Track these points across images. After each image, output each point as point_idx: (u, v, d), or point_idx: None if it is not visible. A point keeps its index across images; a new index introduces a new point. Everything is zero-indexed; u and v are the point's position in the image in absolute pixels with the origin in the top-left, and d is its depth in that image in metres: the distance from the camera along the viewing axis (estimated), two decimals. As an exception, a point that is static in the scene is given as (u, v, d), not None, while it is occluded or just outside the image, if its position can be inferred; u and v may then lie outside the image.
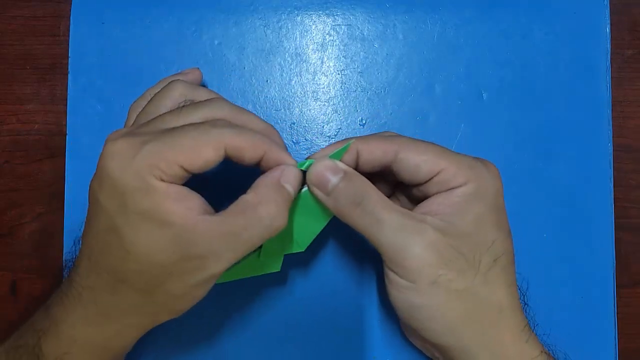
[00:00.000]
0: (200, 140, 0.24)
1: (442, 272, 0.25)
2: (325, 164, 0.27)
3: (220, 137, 0.24)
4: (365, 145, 0.27)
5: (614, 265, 0.35)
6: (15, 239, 0.37)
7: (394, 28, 0.37)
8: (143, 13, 0.37)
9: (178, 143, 0.23)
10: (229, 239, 0.24)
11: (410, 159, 0.26)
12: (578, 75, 0.36)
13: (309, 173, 0.27)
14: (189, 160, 0.23)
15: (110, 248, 0.24)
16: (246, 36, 0.37)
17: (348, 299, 0.35)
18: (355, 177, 0.26)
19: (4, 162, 0.37)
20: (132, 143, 0.24)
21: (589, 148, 0.36)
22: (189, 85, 0.30)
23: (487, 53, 0.37)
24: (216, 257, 0.24)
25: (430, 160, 0.26)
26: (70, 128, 0.36)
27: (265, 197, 0.25)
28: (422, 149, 0.26)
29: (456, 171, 0.26)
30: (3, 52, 0.37)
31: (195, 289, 0.25)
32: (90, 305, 0.26)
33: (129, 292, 0.25)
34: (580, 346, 0.35)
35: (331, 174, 0.26)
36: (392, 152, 0.26)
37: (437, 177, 0.26)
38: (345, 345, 0.35)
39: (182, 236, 0.23)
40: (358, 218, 0.26)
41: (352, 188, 0.26)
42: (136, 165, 0.23)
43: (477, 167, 0.26)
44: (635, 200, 0.37)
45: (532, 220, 0.35)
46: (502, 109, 0.36)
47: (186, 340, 0.35)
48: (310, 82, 0.37)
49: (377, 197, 0.26)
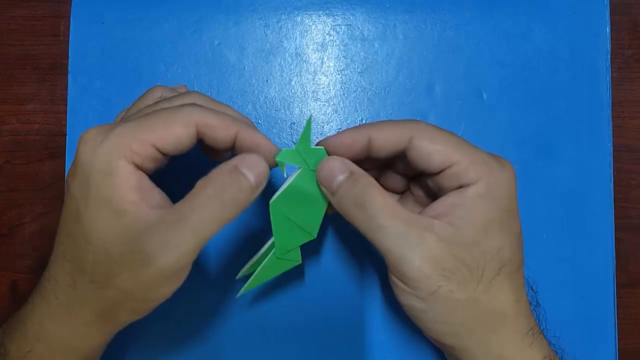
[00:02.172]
0: (170, 118, 0.24)
1: (443, 284, 0.24)
2: (332, 162, 0.26)
3: (190, 115, 0.24)
4: (380, 132, 0.26)
5: (614, 265, 0.35)
6: (15, 239, 0.37)
7: (394, 28, 0.37)
8: (143, 13, 0.37)
9: (148, 122, 0.24)
10: (175, 227, 0.23)
11: (424, 147, 0.25)
12: (578, 75, 0.36)
13: (318, 170, 0.26)
14: (161, 138, 0.24)
15: (73, 236, 0.24)
16: (246, 36, 0.37)
17: (349, 299, 0.35)
18: (361, 178, 0.26)
19: (4, 162, 0.37)
20: (102, 129, 0.24)
21: (589, 148, 0.36)
22: (169, 89, 0.30)
23: (487, 53, 0.37)
24: (162, 249, 0.23)
25: (443, 150, 0.25)
26: (70, 128, 0.36)
27: (215, 177, 0.24)
28: (438, 138, 0.25)
29: (468, 166, 0.25)
30: (3, 52, 0.37)
31: (149, 288, 0.24)
32: (52, 299, 0.25)
33: (86, 285, 0.24)
34: (580, 346, 0.35)
35: (338, 173, 0.26)
36: (406, 137, 0.26)
37: (449, 170, 0.25)
38: (346, 346, 0.35)
39: (132, 227, 0.23)
40: (360, 221, 0.25)
41: (356, 189, 0.25)
42: (105, 148, 0.23)
43: (491, 164, 0.25)
44: (635, 200, 0.37)
45: (532, 220, 0.35)
46: (502, 109, 0.36)
47: (186, 342, 0.35)
48: (310, 82, 0.37)
49: (382, 200, 0.25)
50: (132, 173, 0.23)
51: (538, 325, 0.27)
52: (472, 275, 0.25)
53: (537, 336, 0.27)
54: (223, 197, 0.24)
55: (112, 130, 0.24)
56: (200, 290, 0.35)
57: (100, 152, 0.23)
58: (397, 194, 0.31)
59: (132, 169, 0.24)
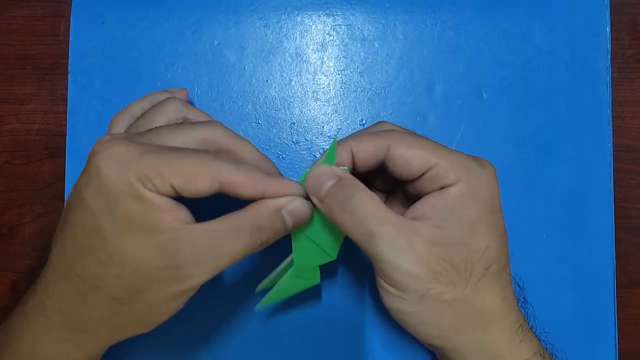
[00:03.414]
0: (199, 168, 0.23)
1: (432, 286, 0.24)
2: (320, 169, 0.26)
3: (218, 171, 0.24)
4: (358, 144, 0.26)
5: (614, 265, 0.35)
6: (15, 239, 0.37)
7: (394, 28, 0.37)
8: (143, 13, 0.37)
9: (177, 163, 0.23)
10: (212, 248, 0.23)
11: (401, 155, 0.25)
12: (578, 75, 0.36)
13: (306, 180, 0.26)
14: (183, 183, 0.23)
15: (89, 250, 0.23)
16: (246, 36, 0.37)
17: (347, 299, 0.35)
18: (349, 183, 0.25)
19: (4, 162, 0.37)
20: (131, 149, 0.23)
21: (589, 148, 0.36)
22: (183, 103, 0.30)
23: (487, 53, 0.37)
24: (199, 266, 0.23)
25: (420, 155, 0.25)
26: (70, 128, 0.36)
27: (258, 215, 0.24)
28: (414, 144, 0.26)
29: (447, 168, 0.25)
30: (3, 52, 0.37)
31: (173, 300, 0.24)
32: (54, 315, 0.25)
33: (100, 301, 0.24)
34: (580, 346, 0.35)
35: (324, 179, 0.26)
36: (384, 147, 0.26)
37: (429, 174, 0.25)
38: (344, 345, 0.35)
39: (169, 243, 0.23)
40: (350, 226, 0.25)
41: (344, 195, 0.25)
42: (131, 172, 0.22)
43: (470, 165, 0.25)
44: (635, 200, 0.37)
45: (532, 220, 0.35)
46: (502, 109, 0.36)
47: (185, 345, 0.35)
48: (310, 82, 0.37)
49: (370, 205, 0.25)
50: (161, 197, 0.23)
51: (527, 322, 0.27)
52: (460, 276, 0.25)
53: (526, 333, 0.27)
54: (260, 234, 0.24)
55: (143, 156, 0.23)
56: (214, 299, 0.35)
57: (126, 175, 0.22)
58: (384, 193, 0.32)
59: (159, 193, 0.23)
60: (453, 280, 0.25)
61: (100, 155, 0.23)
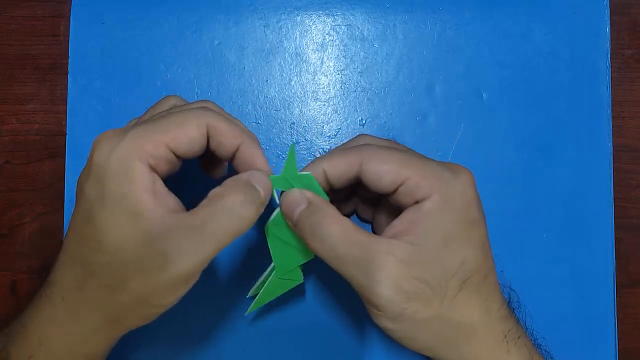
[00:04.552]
0: (183, 119, 0.25)
1: (407, 306, 0.24)
2: (291, 194, 0.26)
3: (202, 116, 0.25)
4: (328, 162, 0.26)
5: (614, 265, 0.35)
6: (15, 239, 0.37)
7: (394, 28, 0.37)
8: (143, 13, 0.37)
9: (162, 124, 0.24)
10: (194, 233, 0.23)
11: (373, 170, 0.25)
12: (578, 75, 0.36)
13: (280, 204, 0.27)
14: (175, 138, 0.24)
15: (85, 238, 0.24)
16: (246, 36, 0.37)
17: (346, 302, 0.35)
18: (318, 208, 0.26)
19: (4, 162, 0.37)
20: (118, 131, 0.24)
21: (589, 148, 0.36)
22: (182, 99, 0.30)
23: (487, 53, 0.37)
24: (181, 253, 0.23)
25: (392, 170, 0.25)
26: (70, 128, 0.36)
27: (232, 188, 0.25)
28: (386, 159, 0.25)
29: (420, 181, 0.25)
30: (3, 52, 0.37)
31: (161, 293, 0.24)
32: (58, 302, 0.25)
33: (96, 288, 0.24)
34: (580, 346, 0.35)
35: (297, 204, 0.26)
36: (356, 164, 0.26)
37: (402, 188, 0.25)
38: (343, 349, 0.35)
39: (149, 229, 0.23)
40: (321, 251, 0.25)
41: (314, 220, 0.25)
42: (120, 149, 0.23)
43: (443, 176, 0.25)
44: (635, 200, 0.37)
45: (532, 220, 0.35)
46: (502, 109, 0.36)
47: (185, 344, 0.35)
48: (310, 82, 0.37)
49: (339, 230, 0.25)
50: (148, 175, 0.23)
51: (517, 328, 0.27)
52: (435, 294, 0.24)
53: (514, 342, 0.26)
54: (240, 208, 0.24)
55: (128, 132, 0.24)
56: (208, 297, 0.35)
57: (116, 153, 0.23)
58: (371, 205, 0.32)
59: (148, 170, 0.24)
60: (427, 298, 0.24)
61: (93, 147, 0.24)
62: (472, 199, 0.25)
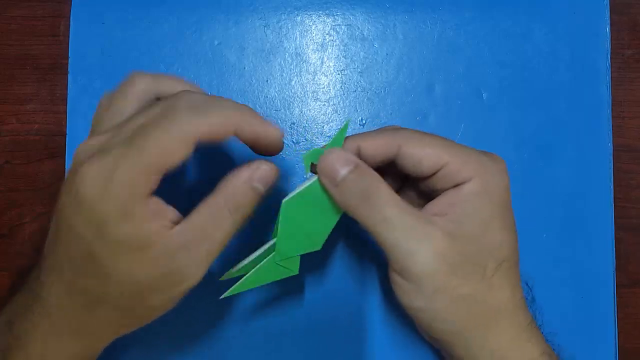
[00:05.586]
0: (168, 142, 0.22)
1: (448, 279, 0.24)
2: (336, 153, 0.25)
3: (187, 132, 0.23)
4: (367, 141, 0.26)
5: (614, 265, 0.35)
6: (15, 239, 0.37)
7: (394, 28, 0.37)
8: (143, 13, 0.37)
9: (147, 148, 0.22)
10: (200, 244, 0.24)
11: (413, 153, 0.25)
12: (578, 75, 0.36)
13: (320, 161, 0.26)
14: (163, 165, 0.22)
15: (87, 272, 0.24)
16: (246, 36, 0.37)
17: (349, 299, 0.35)
18: (367, 171, 0.25)
19: (4, 162, 0.37)
20: (105, 165, 0.22)
21: (589, 148, 0.36)
22: (152, 77, 0.28)
23: (487, 53, 0.37)
24: (195, 264, 0.24)
25: (433, 154, 0.25)
26: (70, 128, 0.36)
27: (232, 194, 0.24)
28: (426, 142, 0.26)
29: (461, 166, 0.25)
30: (3, 52, 0.37)
31: (172, 300, 0.25)
32: (61, 322, 0.25)
33: (108, 311, 0.25)
34: (580, 346, 0.35)
35: (341, 165, 0.25)
36: (394, 146, 0.26)
37: (442, 172, 0.25)
38: (347, 346, 0.35)
39: (161, 254, 0.23)
40: (366, 214, 0.25)
41: (362, 181, 0.25)
42: (116, 189, 0.22)
43: (483, 162, 0.26)
44: (635, 200, 0.37)
45: (532, 220, 0.35)
46: (502, 109, 0.36)
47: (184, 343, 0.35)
48: (310, 82, 0.37)
49: (388, 194, 0.25)
50: (148, 205, 0.23)
51: (535, 321, 0.28)
52: (476, 271, 0.25)
53: (534, 332, 0.27)
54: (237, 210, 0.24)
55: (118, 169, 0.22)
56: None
57: (111, 192, 0.22)
58: None
59: (146, 200, 0.23)
60: (468, 274, 0.25)
61: (80, 181, 0.22)
62: (507, 185, 0.26)
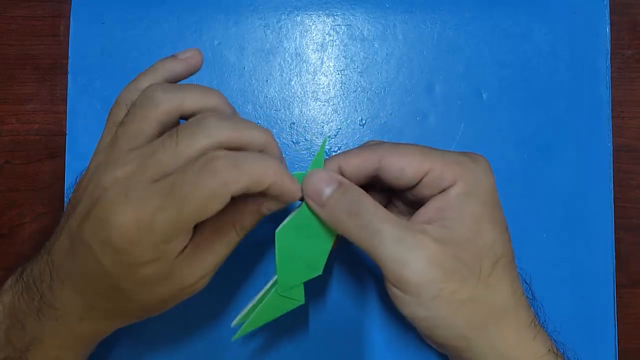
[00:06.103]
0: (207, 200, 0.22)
1: (445, 286, 0.24)
2: (318, 174, 0.26)
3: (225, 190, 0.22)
4: (347, 160, 0.26)
5: (614, 265, 0.35)
6: (15, 239, 0.37)
7: (394, 28, 0.37)
8: (143, 13, 0.37)
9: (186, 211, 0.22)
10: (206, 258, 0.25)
11: (394, 164, 0.26)
12: (578, 75, 0.36)
13: (303, 184, 0.26)
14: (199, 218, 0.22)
15: (110, 297, 0.25)
16: (246, 36, 0.37)
17: (348, 303, 0.35)
18: (350, 187, 0.26)
19: (4, 162, 0.37)
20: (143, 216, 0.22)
21: (589, 148, 0.36)
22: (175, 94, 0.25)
23: (487, 53, 0.37)
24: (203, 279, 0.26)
25: (414, 162, 0.25)
26: (70, 128, 0.36)
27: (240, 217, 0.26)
28: (405, 152, 0.26)
29: (443, 169, 0.25)
30: (3, 52, 0.37)
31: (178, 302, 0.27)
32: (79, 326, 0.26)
33: (126, 318, 0.27)
34: (580, 346, 0.35)
35: (325, 184, 0.25)
36: (375, 161, 0.26)
37: (426, 179, 0.25)
38: (345, 349, 0.35)
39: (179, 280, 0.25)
40: (355, 230, 0.25)
41: (347, 198, 0.25)
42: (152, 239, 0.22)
43: (464, 163, 0.26)
44: (635, 200, 0.37)
45: (532, 220, 0.35)
46: (502, 109, 0.36)
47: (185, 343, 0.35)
48: (310, 82, 0.37)
49: (374, 207, 0.25)
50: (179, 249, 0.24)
51: (537, 318, 0.27)
52: (471, 273, 0.25)
53: (538, 329, 0.27)
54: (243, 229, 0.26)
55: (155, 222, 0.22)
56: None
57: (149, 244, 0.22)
58: None
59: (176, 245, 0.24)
60: (464, 278, 0.25)
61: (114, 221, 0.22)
62: (492, 183, 0.26)
